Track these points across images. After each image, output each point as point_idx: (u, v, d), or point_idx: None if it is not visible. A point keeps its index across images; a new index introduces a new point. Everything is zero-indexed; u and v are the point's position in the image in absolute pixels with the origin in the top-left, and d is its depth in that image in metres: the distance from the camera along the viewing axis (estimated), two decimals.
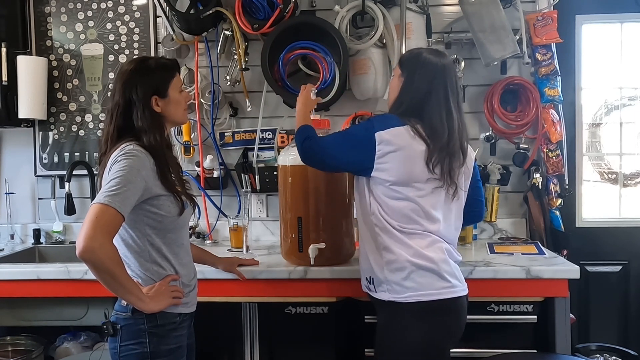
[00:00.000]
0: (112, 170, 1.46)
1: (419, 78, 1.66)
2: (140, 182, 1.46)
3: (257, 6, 2.37)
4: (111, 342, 1.57)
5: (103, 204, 1.39)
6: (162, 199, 1.54)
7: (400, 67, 1.73)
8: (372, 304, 1.78)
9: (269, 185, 2.52)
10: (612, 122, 2.77)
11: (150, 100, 1.56)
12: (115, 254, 1.44)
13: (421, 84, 1.65)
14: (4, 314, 2.24)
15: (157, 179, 1.52)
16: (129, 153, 1.48)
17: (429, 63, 1.66)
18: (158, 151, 1.54)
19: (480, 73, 2.54)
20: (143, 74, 1.58)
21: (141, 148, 1.51)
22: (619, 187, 2.77)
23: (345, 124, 2.56)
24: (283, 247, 2.13)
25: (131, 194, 1.44)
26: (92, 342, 2.43)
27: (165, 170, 1.55)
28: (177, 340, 1.59)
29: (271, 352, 2.10)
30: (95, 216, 1.38)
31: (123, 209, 1.41)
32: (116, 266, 1.42)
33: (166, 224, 1.56)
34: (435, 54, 1.71)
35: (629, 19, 2.70)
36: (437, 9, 2.55)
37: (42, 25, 2.74)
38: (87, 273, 2.09)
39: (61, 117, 2.75)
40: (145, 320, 1.53)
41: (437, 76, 1.65)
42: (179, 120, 1.68)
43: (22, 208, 2.80)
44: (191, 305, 1.67)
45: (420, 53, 1.71)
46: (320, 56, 2.37)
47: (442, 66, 1.66)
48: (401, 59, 1.77)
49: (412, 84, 1.67)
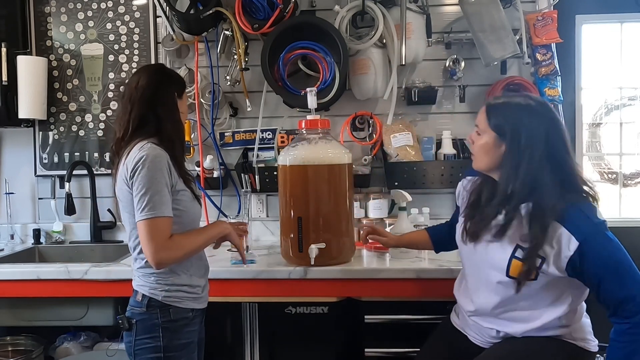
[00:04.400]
0: (139, 179, 1.52)
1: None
2: (164, 178, 1.53)
3: (257, 6, 2.37)
4: (126, 336, 1.63)
5: (147, 220, 1.50)
6: (181, 194, 1.59)
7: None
8: (372, 304, 1.78)
9: (269, 185, 2.52)
10: (612, 122, 2.77)
11: (174, 93, 1.66)
12: (181, 242, 1.55)
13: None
14: (4, 314, 2.24)
15: (177, 174, 1.59)
16: (147, 155, 1.52)
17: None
18: (175, 144, 1.62)
19: (480, 73, 2.54)
20: (166, 71, 1.71)
21: (157, 145, 1.57)
22: (619, 187, 2.77)
23: (345, 124, 2.56)
24: (283, 247, 2.13)
25: (164, 193, 1.52)
26: (92, 342, 2.43)
27: (182, 164, 1.63)
28: (189, 335, 1.64)
29: (271, 352, 2.10)
30: (148, 232, 1.50)
31: (165, 211, 1.52)
32: (191, 245, 1.58)
33: (184, 219, 1.61)
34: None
35: (629, 19, 2.70)
36: (437, 9, 2.54)
37: (42, 25, 2.73)
38: (87, 273, 2.10)
39: (61, 117, 2.75)
40: (159, 315, 1.59)
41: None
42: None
43: (22, 208, 2.79)
44: (203, 301, 1.70)
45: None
46: (320, 56, 2.36)
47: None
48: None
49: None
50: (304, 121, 2.10)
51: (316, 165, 2.02)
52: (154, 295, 1.60)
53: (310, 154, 2.04)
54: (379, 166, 2.55)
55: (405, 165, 2.39)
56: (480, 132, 1.58)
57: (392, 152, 2.43)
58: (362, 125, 2.60)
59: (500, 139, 1.52)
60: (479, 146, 1.58)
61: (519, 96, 1.64)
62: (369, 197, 2.54)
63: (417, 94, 2.48)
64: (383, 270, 2.05)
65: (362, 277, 2.05)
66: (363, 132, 2.60)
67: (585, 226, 1.44)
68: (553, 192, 1.46)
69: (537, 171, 1.47)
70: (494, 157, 1.55)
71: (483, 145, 1.56)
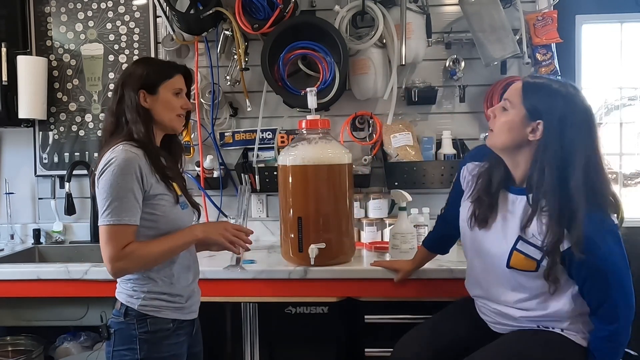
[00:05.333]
0: (102, 183, 1.45)
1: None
2: (130, 183, 1.44)
3: (257, 6, 2.37)
4: (107, 345, 1.55)
5: (104, 226, 1.44)
6: (158, 199, 1.50)
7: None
8: (372, 303, 1.78)
9: (269, 185, 2.51)
10: (612, 122, 2.76)
11: (138, 92, 1.54)
12: (139, 251, 1.45)
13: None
14: (4, 314, 2.24)
15: (156, 178, 1.50)
16: (116, 158, 1.45)
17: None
18: (147, 146, 1.51)
19: (480, 73, 2.54)
20: (138, 67, 1.59)
21: (131, 146, 1.48)
22: (619, 187, 2.76)
23: (345, 124, 2.56)
24: (283, 247, 2.13)
25: (127, 199, 1.44)
26: (92, 342, 2.43)
27: (158, 166, 1.51)
28: (170, 348, 1.53)
29: (271, 352, 2.10)
30: (103, 239, 1.44)
31: (125, 219, 1.43)
32: (150, 254, 1.47)
33: (160, 225, 1.51)
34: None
35: (629, 19, 2.69)
36: (437, 9, 2.54)
37: (42, 25, 2.73)
38: (87, 273, 2.10)
39: (61, 117, 2.75)
40: (136, 326, 1.50)
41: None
42: (166, 123, 1.59)
43: (22, 208, 2.79)
44: (188, 312, 1.59)
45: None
46: (320, 56, 2.37)
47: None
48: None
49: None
50: (304, 121, 2.10)
51: (316, 165, 2.02)
52: (130, 303, 1.52)
53: (310, 154, 2.04)
54: (379, 166, 2.55)
55: (405, 165, 2.39)
56: (508, 107, 1.49)
57: (392, 152, 2.43)
58: (362, 125, 2.60)
59: (529, 119, 1.45)
60: (503, 122, 1.49)
61: (559, 82, 1.52)
62: (369, 197, 2.54)
63: (417, 94, 2.48)
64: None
65: (362, 277, 2.05)
66: (363, 132, 2.60)
67: (592, 225, 1.40)
68: (583, 198, 1.39)
69: (571, 172, 1.41)
70: (517, 137, 1.47)
71: (508, 122, 1.48)
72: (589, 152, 1.43)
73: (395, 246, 2.14)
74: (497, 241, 1.56)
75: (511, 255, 1.51)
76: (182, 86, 1.63)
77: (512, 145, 1.50)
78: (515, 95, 1.49)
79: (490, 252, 1.58)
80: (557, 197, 1.41)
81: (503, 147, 1.52)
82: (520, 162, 1.51)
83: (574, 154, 1.41)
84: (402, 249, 2.13)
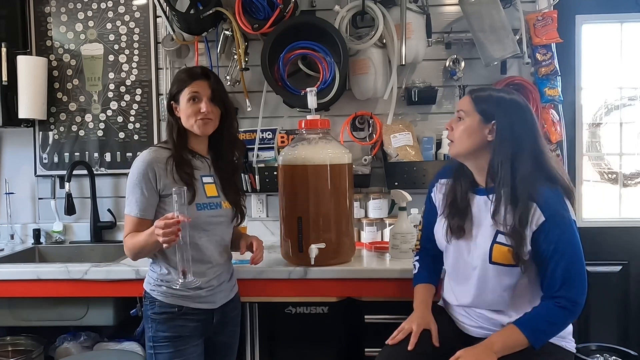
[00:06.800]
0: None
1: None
2: (142, 181, 1.65)
3: (257, 6, 2.37)
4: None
5: (126, 214, 1.69)
6: (170, 197, 1.60)
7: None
8: (372, 303, 1.78)
9: (269, 185, 2.51)
10: (612, 122, 2.76)
11: (170, 104, 1.76)
12: (128, 241, 1.67)
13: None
14: (4, 314, 2.24)
15: (169, 176, 1.67)
16: (138, 158, 1.69)
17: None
18: (174, 149, 1.71)
19: (480, 73, 2.54)
20: (173, 82, 1.79)
21: (159, 148, 1.72)
22: (619, 187, 2.77)
23: (345, 124, 2.56)
24: (283, 247, 2.13)
25: (136, 194, 1.65)
26: (92, 342, 2.43)
27: (180, 168, 1.68)
28: (176, 330, 1.69)
29: (271, 352, 2.10)
30: (125, 223, 1.71)
31: (132, 211, 1.66)
32: (131, 245, 1.66)
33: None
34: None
35: (629, 19, 2.69)
36: (437, 9, 2.55)
37: (42, 25, 2.73)
38: (87, 273, 2.10)
39: (61, 117, 2.75)
40: (149, 307, 1.72)
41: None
42: (190, 129, 1.74)
43: (22, 208, 2.79)
44: (200, 301, 1.72)
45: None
46: (320, 56, 2.37)
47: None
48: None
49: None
50: (304, 121, 2.10)
51: (316, 165, 2.02)
52: (147, 288, 1.75)
53: (310, 154, 2.04)
54: (379, 166, 2.55)
55: (405, 165, 2.40)
56: (463, 116, 1.63)
57: (392, 152, 2.43)
58: (362, 125, 2.60)
59: (484, 121, 1.59)
60: (462, 130, 1.62)
61: (499, 89, 1.74)
62: (369, 197, 2.54)
63: (417, 94, 2.48)
64: (383, 270, 2.05)
65: (362, 277, 2.05)
66: (363, 132, 2.60)
67: (555, 205, 1.52)
68: (533, 178, 1.54)
69: (522, 160, 1.54)
70: (476, 140, 1.60)
71: (467, 128, 1.61)
72: (534, 140, 1.58)
73: (395, 246, 2.15)
74: (477, 242, 1.62)
75: (492, 250, 1.58)
76: (200, 90, 1.72)
77: (474, 149, 1.62)
78: (467, 105, 1.64)
79: (473, 255, 1.64)
80: (515, 181, 1.54)
81: (466, 153, 1.64)
82: (483, 164, 1.63)
83: (523, 144, 1.56)
84: (402, 249, 2.13)
